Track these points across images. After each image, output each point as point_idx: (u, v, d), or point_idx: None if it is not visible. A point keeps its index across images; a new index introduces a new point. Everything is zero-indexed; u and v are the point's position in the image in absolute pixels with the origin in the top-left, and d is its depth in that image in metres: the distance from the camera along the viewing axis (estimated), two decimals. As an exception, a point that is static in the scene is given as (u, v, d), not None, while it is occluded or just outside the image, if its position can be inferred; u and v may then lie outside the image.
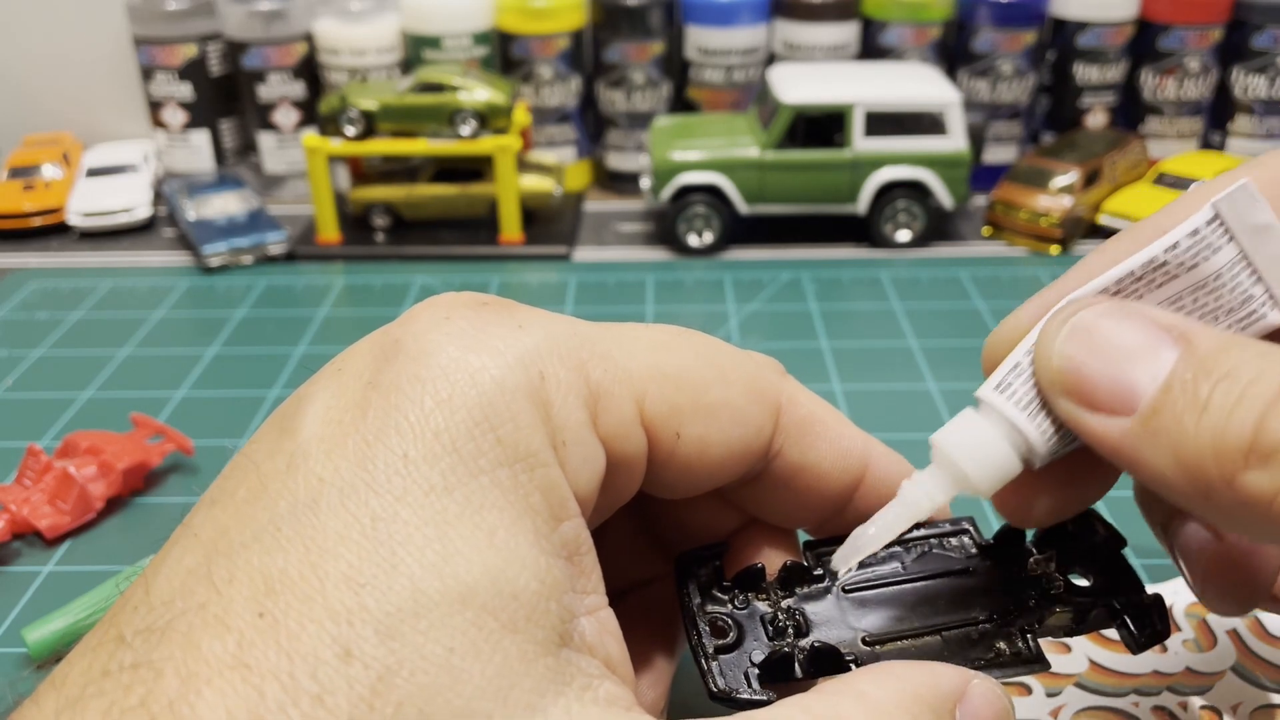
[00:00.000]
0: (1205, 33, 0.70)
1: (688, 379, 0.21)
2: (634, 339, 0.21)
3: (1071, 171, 0.63)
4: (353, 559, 0.16)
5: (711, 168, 0.63)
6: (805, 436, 0.23)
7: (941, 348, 0.52)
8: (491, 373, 0.19)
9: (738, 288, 0.59)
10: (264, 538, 0.17)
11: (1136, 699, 0.31)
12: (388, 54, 0.72)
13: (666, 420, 0.21)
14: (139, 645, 0.16)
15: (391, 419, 0.18)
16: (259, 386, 0.50)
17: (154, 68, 0.73)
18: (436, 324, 0.19)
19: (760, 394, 0.22)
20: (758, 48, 0.72)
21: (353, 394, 0.19)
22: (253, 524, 0.17)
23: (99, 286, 0.61)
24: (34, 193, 0.69)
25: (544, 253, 0.64)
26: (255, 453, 0.19)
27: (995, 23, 0.69)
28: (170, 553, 0.18)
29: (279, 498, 0.17)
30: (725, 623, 0.23)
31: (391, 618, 0.16)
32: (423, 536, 0.17)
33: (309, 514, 0.17)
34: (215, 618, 0.16)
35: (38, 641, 0.33)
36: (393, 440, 0.18)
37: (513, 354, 0.19)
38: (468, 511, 0.17)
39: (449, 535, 0.17)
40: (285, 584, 0.16)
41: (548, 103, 0.73)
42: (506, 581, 0.17)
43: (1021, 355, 0.21)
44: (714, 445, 0.22)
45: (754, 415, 0.22)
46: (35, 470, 0.40)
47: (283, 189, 0.75)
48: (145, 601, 0.17)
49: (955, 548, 0.25)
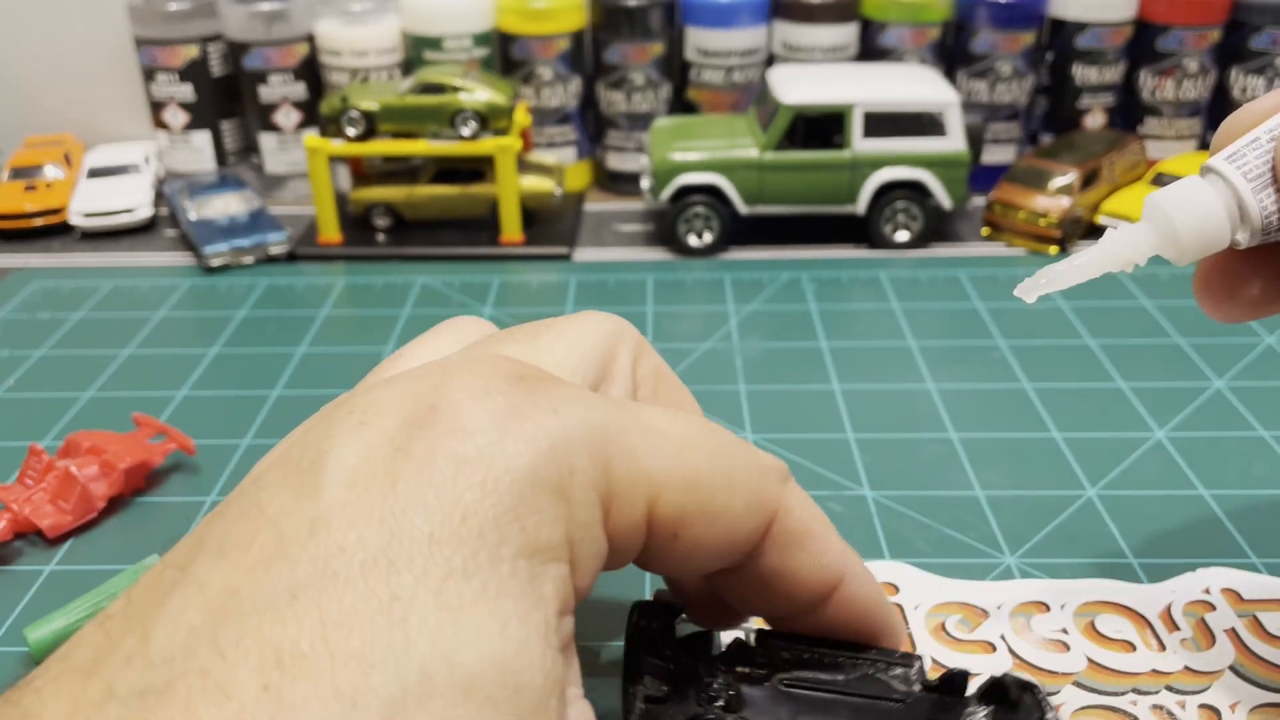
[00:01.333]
0: (1203, 34, 0.70)
1: (699, 484, 0.22)
2: (660, 435, 0.21)
3: (1070, 172, 0.63)
4: (365, 637, 0.16)
5: (711, 168, 0.63)
6: (789, 546, 0.24)
7: (940, 347, 0.52)
8: (526, 460, 0.19)
9: (737, 288, 0.59)
10: (278, 606, 0.16)
11: (1135, 697, 0.31)
12: (389, 55, 0.72)
13: (669, 522, 0.21)
14: (132, 705, 0.16)
15: (421, 495, 0.18)
16: (260, 386, 0.50)
17: (155, 69, 0.73)
18: (475, 397, 0.19)
19: (760, 505, 0.23)
20: (757, 49, 0.73)
21: (381, 457, 0.18)
22: (267, 589, 0.17)
23: (101, 287, 0.61)
24: (35, 193, 0.69)
25: (544, 253, 0.64)
26: (270, 506, 0.18)
27: (994, 24, 0.70)
28: (169, 602, 0.17)
29: (297, 564, 0.17)
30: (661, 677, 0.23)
31: (397, 702, 0.16)
32: (437, 621, 0.17)
33: (329, 585, 0.17)
34: (217, 686, 0.15)
35: (39, 640, 0.33)
36: (419, 518, 0.17)
37: (547, 443, 0.19)
38: (484, 599, 0.17)
39: (463, 622, 0.17)
40: (295, 657, 0.16)
41: (548, 103, 0.73)
42: (513, 674, 0.17)
43: (1262, 131, 0.22)
44: (704, 547, 0.22)
45: (749, 525, 0.23)
46: (37, 470, 0.41)
47: (284, 189, 0.75)
48: (142, 655, 0.16)
49: (899, 677, 0.25)
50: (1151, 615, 0.34)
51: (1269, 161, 0.21)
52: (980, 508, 0.40)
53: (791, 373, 0.50)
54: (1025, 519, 0.39)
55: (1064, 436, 0.44)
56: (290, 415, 0.48)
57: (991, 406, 0.47)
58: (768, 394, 0.49)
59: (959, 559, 0.37)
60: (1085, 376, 0.49)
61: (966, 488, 0.41)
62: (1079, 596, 0.35)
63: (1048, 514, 0.39)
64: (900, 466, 0.43)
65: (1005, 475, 0.42)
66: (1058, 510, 0.40)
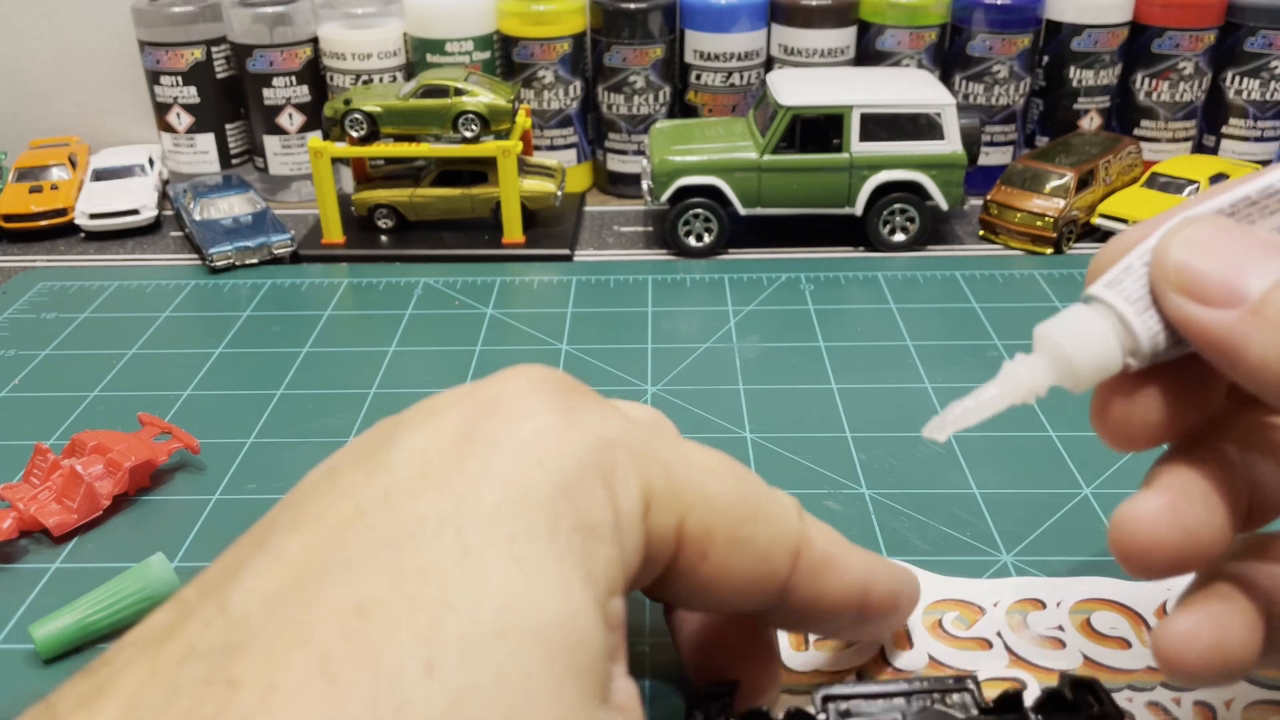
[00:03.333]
0: (1198, 36, 0.70)
1: (726, 509, 0.23)
2: (689, 458, 0.23)
3: (1066, 174, 0.64)
4: (442, 584, 0.17)
5: (711, 170, 0.64)
6: (817, 575, 0.25)
7: (937, 347, 0.52)
8: (580, 447, 0.20)
9: (736, 288, 0.60)
10: (357, 563, 0.17)
11: (1130, 694, 0.31)
12: (391, 58, 0.72)
13: (698, 540, 0.22)
14: (213, 660, 0.16)
15: (487, 471, 0.19)
16: (265, 386, 0.50)
17: (160, 72, 0.73)
18: (533, 392, 0.21)
19: (783, 538, 0.24)
20: (756, 52, 0.73)
21: (449, 441, 0.20)
22: (345, 549, 0.18)
23: (106, 287, 0.62)
24: (41, 195, 0.70)
25: (546, 254, 0.65)
26: (342, 483, 0.20)
27: (990, 27, 0.70)
28: (246, 571, 0.18)
29: (373, 529, 0.18)
30: None
31: (474, 640, 0.17)
32: (507, 573, 0.18)
33: (406, 544, 0.18)
34: (299, 634, 0.16)
35: (44, 638, 0.33)
36: (485, 490, 0.19)
37: (596, 437, 0.21)
38: (548, 560, 0.18)
39: (531, 578, 0.18)
40: (374, 605, 0.17)
41: (549, 106, 0.73)
42: (575, 630, 0.18)
43: (1134, 258, 0.23)
44: (734, 575, 0.23)
45: (775, 556, 0.24)
46: (43, 469, 0.41)
47: (288, 191, 0.76)
48: (221, 617, 0.17)
49: (957, 705, 0.25)
50: (1147, 612, 0.34)
51: (1145, 285, 0.22)
52: (977, 506, 0.40)
53: (790, 372, 0.51)
54: (1021, 517, 0.40)
55: (1059, 435, 0.45)
56: (294, 414, 0.48)
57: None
58: (766, 393, 0.49)
59: (956, 556, 0.38)
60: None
61: (963, 486, 0.42)
62: (1075, 594, 0.35)
63: (1044, 512, 0.40)
64: (897, 465, 0.43)
65: (1001, 474, 0.42)
66: (1054, 508, 0.40)
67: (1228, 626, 0.23)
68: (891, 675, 0.32)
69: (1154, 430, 0.24)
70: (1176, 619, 0.23)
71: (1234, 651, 0.23)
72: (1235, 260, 0.21)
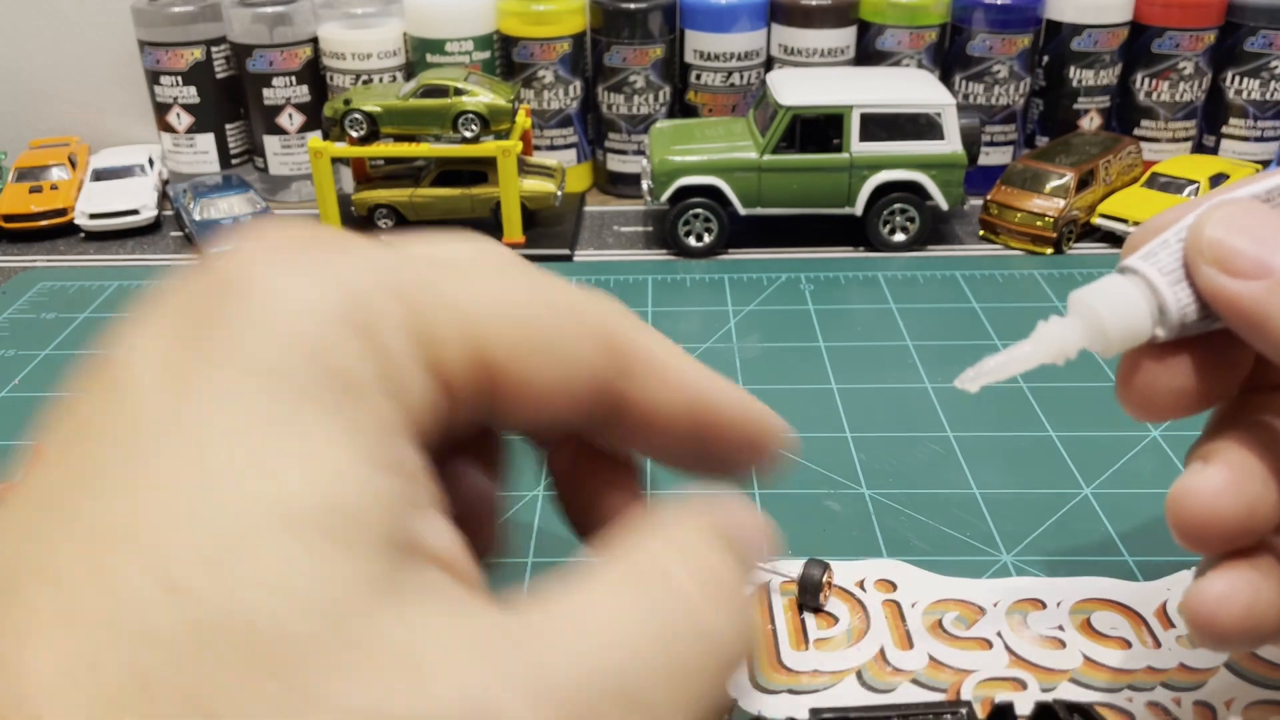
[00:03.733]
0: (1199, 36, 0.70)
1: (521, 315, 0.21)
2: (476, 277, 0.21)
3: (1066, 174, 0.64)
4: (173, 494, 0.16)
5: (711, 170, 0.64)
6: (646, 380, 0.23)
7: (937, 347, 0.53)
8: (320, 305, 0.19)
9: (736, 288, 0.60)
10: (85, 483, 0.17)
11: (1130, 694, 0.31)
12: (391, 58, 0.72)
13: (504, 360, 0.21)
14: None
15: (216, 354, 0.18)
16: (264, 387, 0.50)
17: (160, 72, 0.73)
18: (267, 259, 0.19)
19: (592, 332, 0.22)
20: (756, 52, 0.73)
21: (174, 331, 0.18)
22: (72, 472, 0.17)
23: (106, 287, 0.62)
24: (41, 195, 0.70)
25: (546, 254, 0.65)
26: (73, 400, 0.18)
27: (990, 27, 0.70)
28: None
29: (98, 442, 0.17)
30: None
31: (214, 548, 0.16)
32: (245, 465, 0.17)
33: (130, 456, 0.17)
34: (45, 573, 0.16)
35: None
36: (217, 375, 0.17)
37: (342, 290, 0.19)
38: (292, 437, 0.17)
39: (272, 462, 0.17)
40: (110, 529, 0.16)
41: (549, 106, 0.73)
42: (333, 496, 0.17)
43: (1170, 235, 0.24)
44: (545, 382, 0.21)
45: (585, 352, 0.22)
46: (45, 469, 0.41)
47: (288, 191, 0.76)
48: None
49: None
50: (1147, 612, 0.34)
51: (1179, 259, 0.24)
52: (977, 506, 0.40)
53: (790, 372, 0.51)
54: (1022, 517, 0.40)
55: (1060, 435, 0.45)
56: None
57: (988, 406, 0.47)
58: (767, 394, 0.49)
59: (956, 556, 0.38)
60: (1081, 376, 0.49)
61: (964, 486, 0.42)
62: (1075, 594, 0.35)
63: (1044, 512, 0.40)
64: (898, 465, 0.43)
65: (1002, 474, 0.42)
66: (1054, 508, 0.40)
67: (1262, 592, 0.24)
68: (891, 675, 0.32)
69: (1175, 399, 0.25)
70: (1211, 581, 0.24)
71: (1266, 616, 0.24)
72: (1267, 238, 0.23)
